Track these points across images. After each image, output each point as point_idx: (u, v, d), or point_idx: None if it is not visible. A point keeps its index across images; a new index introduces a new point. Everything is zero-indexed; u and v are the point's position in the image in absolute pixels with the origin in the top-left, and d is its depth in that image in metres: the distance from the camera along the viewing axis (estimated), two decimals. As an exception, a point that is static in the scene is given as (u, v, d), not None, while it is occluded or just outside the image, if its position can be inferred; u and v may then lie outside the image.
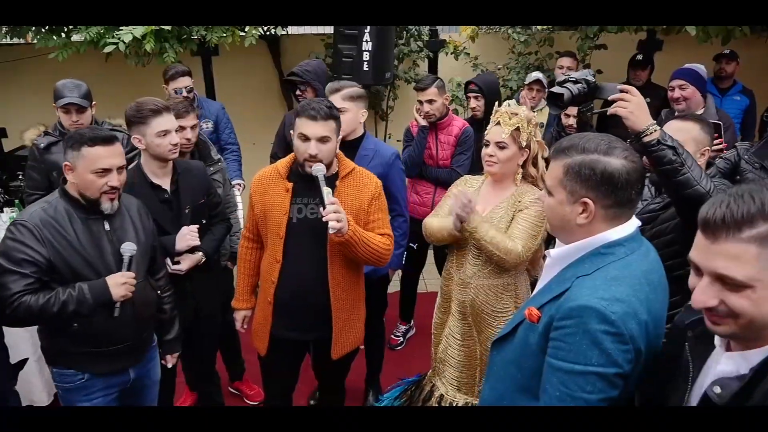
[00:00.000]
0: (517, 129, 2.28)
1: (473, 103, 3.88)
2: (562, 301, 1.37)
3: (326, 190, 2.13)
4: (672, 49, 5.07)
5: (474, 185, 2.50)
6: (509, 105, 2.35)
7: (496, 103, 2.41)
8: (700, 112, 3.55)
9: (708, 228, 1.04)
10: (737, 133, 4.54)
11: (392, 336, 4.03)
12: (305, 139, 2.18)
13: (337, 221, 2.09)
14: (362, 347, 3.76)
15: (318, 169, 2.17)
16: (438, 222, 2.44)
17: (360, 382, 3.41)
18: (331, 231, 2.11)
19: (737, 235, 1.00)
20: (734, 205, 1.00)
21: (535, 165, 2.38)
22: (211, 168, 2.97)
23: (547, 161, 2.36)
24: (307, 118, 2.17)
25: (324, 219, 2.09)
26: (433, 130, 3.59)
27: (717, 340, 1.13)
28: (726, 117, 3.60)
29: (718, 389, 1.09)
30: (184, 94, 3.73)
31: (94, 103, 3.20)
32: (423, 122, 3.55)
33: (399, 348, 3.99)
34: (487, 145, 2.35)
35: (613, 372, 1.27)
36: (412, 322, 4.15)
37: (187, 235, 2.47)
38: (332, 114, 2.21)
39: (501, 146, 2.30)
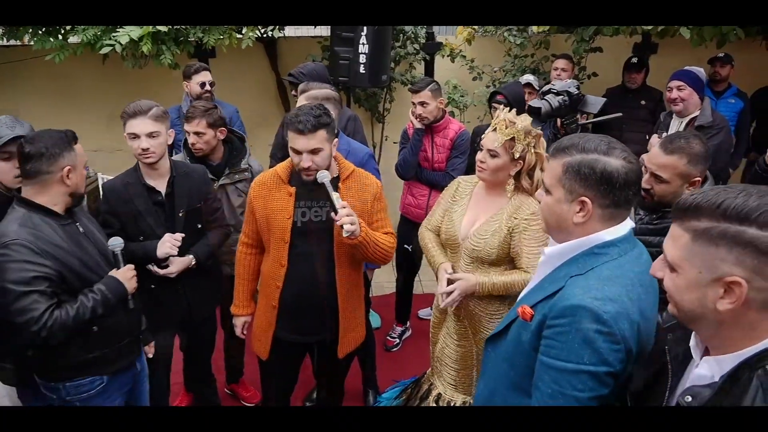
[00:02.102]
0: (512, 139, 2.19)
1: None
2: (556, 300, 1.38)
3: (335, 195, 2.13)
4: (667, 52, 5.10)
5: (467, 188, 2.46)
6: (510, 112, 2.26)
7: (500, 108, 2.37)
8: (696, 113, 3.58)
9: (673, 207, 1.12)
10: (732, 134, 4.59)
11: (388, 337, 4.03)
12: (297, 152, 2.18)
13: (351, 224, 2.09)
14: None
15: (323, 176, 2.17)
16: (431, 251, 2.47)
17: (358, 383, 3.42)
18: (345, 234, 2.11)
19: (682, 221, 1.07)
20: (695, 195, 1.06)
21: (530, 176, 2.27)
22: (237, 176, 2.99)
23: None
24: (294, 132, 2.14)
25: (338, 223, 2.10)
26: (429, 133, 3.59)
27: (692, 342, 1.15)
28: (721, 119, 3.62)
29: (689, 398, 1.11)
30: (207, 87, 3.85)
31: None
32: (418, 124, 3.56)
33: (395, 349, 3.99)
34: (480, 150, 2.30)
35: (605, 371, 1.29)
36: (408, 324, 4.16)
37: (167, 243, 2.45)
38: (321, 123, 2.15)
39: (492, 154, 2.23)
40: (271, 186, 2.32)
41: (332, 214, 2.13)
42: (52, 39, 4.24)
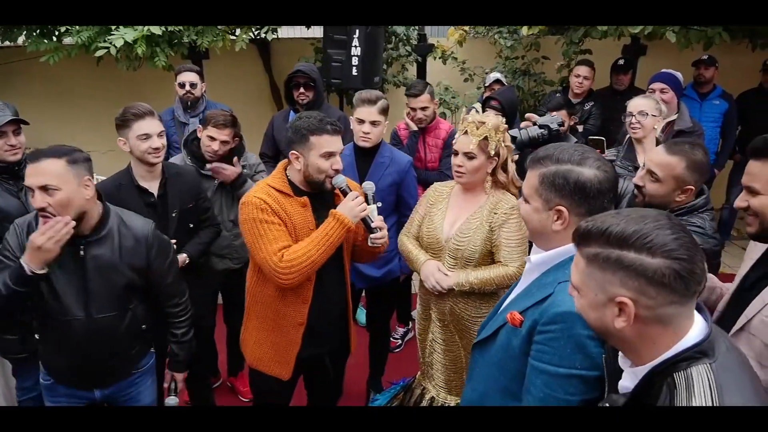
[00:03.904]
0: (485, 139, 2.23)
1: None
2: (546, 306, 1.41)
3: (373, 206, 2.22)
4: (655, 54, 5.17)
5: (443, 191, 2.48)
6: (477, 113, 2.28)
7: (463, 110, 2.39)
8: (673, 117, 3.65)
9: None
10: (717, 136, 4.67)
11: (390, 338, 4.03)
12: (330, 155, 2.14)
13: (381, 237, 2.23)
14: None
15: (341, 180, 2.21)
16: (413, 254, 2.48)
17: (362, 383, 3.44)
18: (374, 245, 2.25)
19: (579, 247, 1.15)
20: (588, 222, 1.14)
21: (504, 170, 2.33)
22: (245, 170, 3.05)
23: (519, 165, 2.40)
24: (330, 134, 2.13)
25: (372, 242, 2.23)
26: (421, 134, 3.65)
27: (620, 355, 1.22)
28: (697, 125, 3.71)
29: (606, 405, 1.19)
30: (187, 88, 3.86)
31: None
32: (414, 127, 3.60)
33: (397, 351, 3.97)
34: (455, 155, 2.31)
35: (596, 375, 1.33)
36: (411, 324, 4.14)
37: None
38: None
39: (469, 156, 2.26)
40: (280, 199, 2.17)
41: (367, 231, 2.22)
42: (46, 41, 4.27)
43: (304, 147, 2.13)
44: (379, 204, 2.91)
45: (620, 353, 1.21)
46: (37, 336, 2.17)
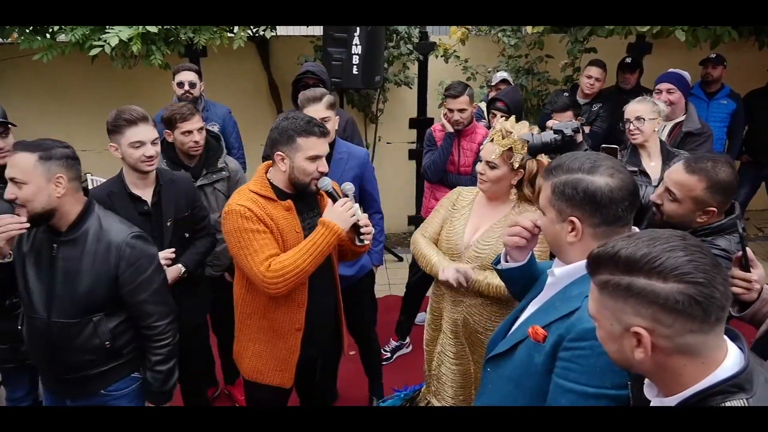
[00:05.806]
0: (510, 149, 2.13)
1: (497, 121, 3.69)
2: (574, 320, 1.35)
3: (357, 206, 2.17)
4: (661, 52, 5.10)
5: (467, 197, 2.40)
6: (506, 122, 2.19)
7: (497, 117, 2.31)
8: (681, 118, 3.57)
9: None
10: (724, 136, 4.60)
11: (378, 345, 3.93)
12: (317, 158, 2.09)
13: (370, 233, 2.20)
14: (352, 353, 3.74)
15: (327, 183, 2.16)
16: (431, 259, 2.30)
17: (363, 390, 3.37)
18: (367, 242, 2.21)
19: (592, 274, 1.08)
20: (599, 248, 1.06)
21: (532, 185, 2.21)
22: (214, 176, 2.96)
23: None
24: (316, 136, 2.07)
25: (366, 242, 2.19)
26: (456, 137, 3.55)
27: (646, 382, 1.14)
28: (706, 126, 3.63)
29: None
30: (186, 87, 3.76)
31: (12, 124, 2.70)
32: (450, 129, 3.51)
33: (385, 363, 3.78)
34: (480, 161, 2.24)
35: (627, 394, 1.25)
36: (407, 340, 4.02)
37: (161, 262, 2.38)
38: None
39: (491, 165, 2.17)
40: (265, 204, 2.11)
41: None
42: (39, 38, 4.18)
43: (290, 148, 2.08)
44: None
45: (645, 383, 1.13)
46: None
